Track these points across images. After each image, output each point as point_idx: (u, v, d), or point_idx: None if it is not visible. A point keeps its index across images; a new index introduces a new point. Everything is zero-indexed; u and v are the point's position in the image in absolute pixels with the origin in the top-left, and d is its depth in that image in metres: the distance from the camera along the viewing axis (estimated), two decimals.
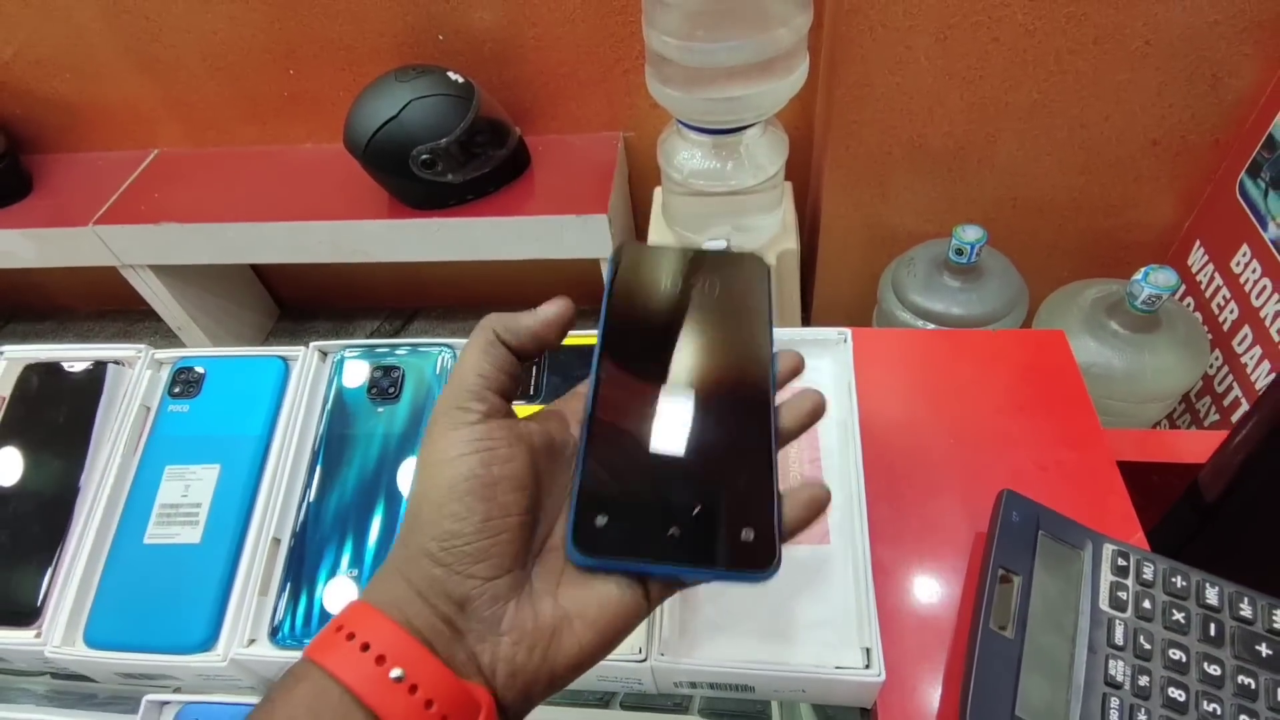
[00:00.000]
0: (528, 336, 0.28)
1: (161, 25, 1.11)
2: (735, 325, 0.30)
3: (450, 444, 0.24)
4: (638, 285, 0.31)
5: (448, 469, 0.24)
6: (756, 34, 0.84)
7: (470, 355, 0.27)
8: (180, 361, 0.49)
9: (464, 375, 0.26)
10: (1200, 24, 0.88)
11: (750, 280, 0.32)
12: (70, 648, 0.41)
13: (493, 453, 0.25)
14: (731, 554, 0.25)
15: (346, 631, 0.22)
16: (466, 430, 0.25)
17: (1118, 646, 0.36)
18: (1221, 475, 0.40)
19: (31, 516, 0.45)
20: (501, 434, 0.25)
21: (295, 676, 0.22)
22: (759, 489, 0.26)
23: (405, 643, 0.22)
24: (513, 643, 0.23)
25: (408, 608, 0.23)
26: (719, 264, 0.32)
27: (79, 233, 1.18)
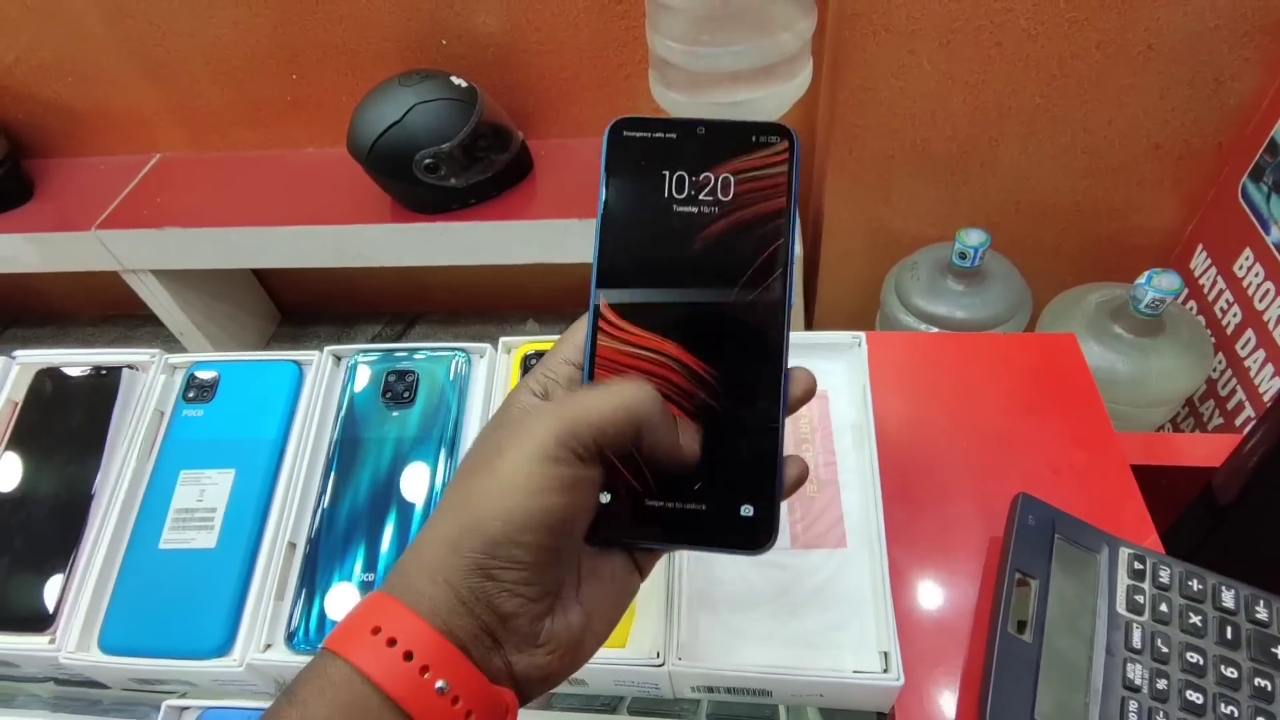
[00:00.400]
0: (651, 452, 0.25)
1: (165, 30, 1.11)
2: (749, 254, 0.27)
3: (544, 475, 0.23)
4: (635, 197, 0.27)
5: (534, 499, 0.23)
6: (760, 39, 0.84)
7: (607, 405, 0.24)
8: (194, 366, 0.49)
9: (589, 420, 0.24)
10: (1202, 29, 0.89)
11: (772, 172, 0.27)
12: (85, 653, 0.41)
13: (581, 499, 0.24)
14: (732, 531, 0.26)
15: (386, 636, 0.22)
16: (566, 472, 0.23)
17: (1135, 650, 0.36)
18: (1236, 478, 0.40)
19: (46, 522, 0.45)
20: (590, 480, 0.24)
21: (330, 679, 0.22)
22: (763, 463, 0.26)
23: (448, 653, 0.22)
24: (547, 654, 0.24)
25: (449, 616, 0.23)
26: (734, 143, 0.27)
27: (81, 237, 1.17)
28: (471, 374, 0.48)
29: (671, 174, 0.27)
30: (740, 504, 0.26)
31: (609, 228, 0.27)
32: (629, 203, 0.27)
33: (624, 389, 0.25)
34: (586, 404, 0.24)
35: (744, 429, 0.26)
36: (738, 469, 0.26)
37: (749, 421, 0.26)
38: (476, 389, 0.48)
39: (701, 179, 0.27)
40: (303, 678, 0.22)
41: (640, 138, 0.28)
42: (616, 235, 0.27)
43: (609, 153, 0.27)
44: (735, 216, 0.27)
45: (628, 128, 0.28)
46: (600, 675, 0.38)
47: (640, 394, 0.25)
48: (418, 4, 1.05)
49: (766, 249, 0.27)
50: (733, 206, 0.27)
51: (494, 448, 0.24)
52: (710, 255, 0.27)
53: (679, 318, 0.27)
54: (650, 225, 0.27)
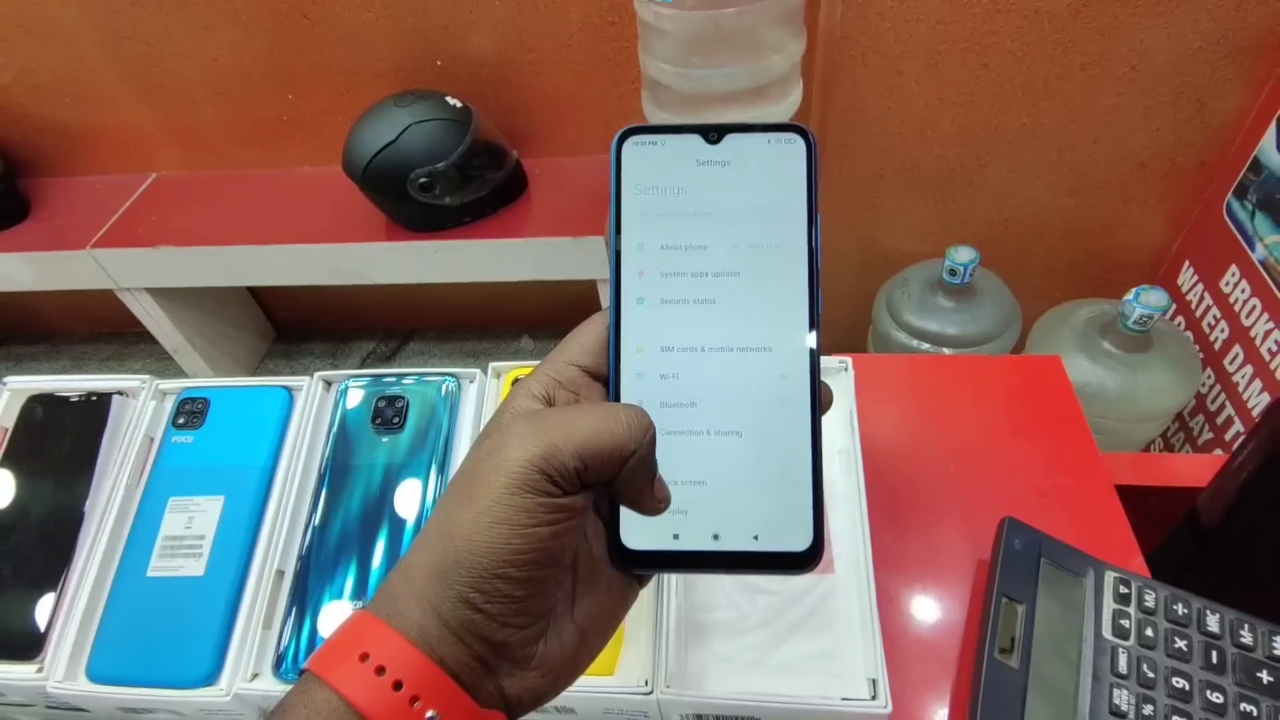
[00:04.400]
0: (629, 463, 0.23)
1: (161, 51, 1.12)
2: (772, 262, 0.26)
3: (525, 508, 0.22)
4: (652, 209, 0.26)
5: (515, 534, 0.22)
6: (751, 61, 0.86)
7: (587, 431, 0.23)
8: (184, 392, 0.49)
9: (569, 446, 0.22)
10: (1184, 50, 0.90)
11: (789, 176, 0.26)
12: (73, 682, 0.41)
13: (568, 528, 0.23)
14: (773, 552, 0.24)
15: (375, 664, 0.21)
16: (548, 501, 0.22)
17: (1121, 675, 0.36)
18: (1220, 500, 0.41)
19: (34, 549, 0.45)
20: (578, 506, 0.23)
21: (315, 708, 0.21)
22: (800, 478, 0.24)
23: (438, 682, 0.22)
24: (540, 675, 0.24)
25: (439, 645, 0.22)
26: (749, 154, 0.26)
27: (76, 256, 1.18)
28: (462, 399, 0.48)
29: (686, 185, 0.26)
30: (782, 522, 0.24)
31: (627, 239, 0.26)
32: (644, 216, 0.26)
33: (615, 414, 0.23)
34: (569, 427, 0.23)
35: (779, 439, 0.25)
36: (773, 484, 0.25)
37: (784, 430, 0.25)
38: (466, 414, 0.48)
39: (718, 186, 0.26)
40: (286, 705, 0.22)
41: (649, 146, 0.27)
42: (634, 248, 0.26)
43: (618, 164, 0.26)
44: (756, 222, 0.26)
45: (635, 135, 0.27)
46: (588, 704, 0.38)
47: (633, 422, 0.23)
48: (413, 25, 1.06)
49: (790, 254, 0.26)
50: (752, 213, 0.26)
51: (479, 467, 0.23)
52: (732, 264, 0.26)
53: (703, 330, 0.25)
54: (666, 236, 0.26)
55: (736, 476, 0.25)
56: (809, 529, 0.24)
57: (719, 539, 0.24)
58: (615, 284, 0.26)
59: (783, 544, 0.24)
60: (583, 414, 0.23)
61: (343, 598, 0.42)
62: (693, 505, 0.25)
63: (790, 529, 0.24)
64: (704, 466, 0.25)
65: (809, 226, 0.26)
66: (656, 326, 0.25)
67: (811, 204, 0.26)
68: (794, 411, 0.25)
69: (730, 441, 0.25)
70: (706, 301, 0.26)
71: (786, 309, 0.25)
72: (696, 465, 0.25)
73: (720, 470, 0.25)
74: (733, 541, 0.24)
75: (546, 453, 0.22)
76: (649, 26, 0.87)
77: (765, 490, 0.25)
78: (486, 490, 0.22)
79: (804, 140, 0.26)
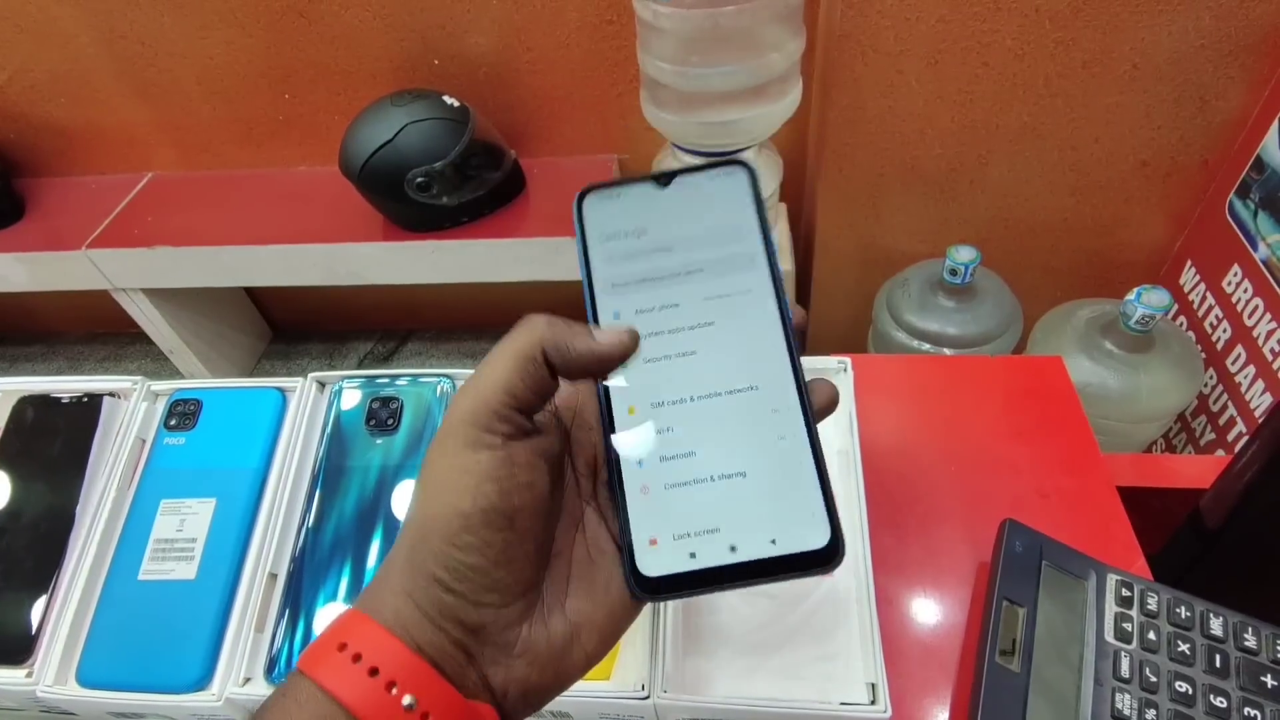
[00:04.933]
0: (579, 364, 0.24)
1: (157, 50, 1.11)
2: (734, 278, 0.27)
3: (465, 468, 0.22)
4: (615, 253, 0.28)
5: (461, 497, 0.22)
6: (750, 59, 0.85)
7: (500, 367, 0.23)
8: (176, 393, 0.49)
9: (489, 390, 0.23)
10: (1186, 48, 0.89)
11: (737, 205, 0.28)
12: (63, 687, 0.40)
13: (514, 479, 0.22)
14: (794, 556, 0.24)
15: (352, 652, 0.21)
16: (486, 455, 0.22)
17: (1124, 679, 0.35)
18: (1223, 502, 0.40)
19: (24, 552, 0.44)
20: (524, 458, 0.23)
21: (295, 699, 0.21)
22: (806, 478, 0.25)
23: (416, 668, 0.21)
24: (526, 664, 0.23)
25: (418, 632, 0.22)
26: (697, 191, 0.28)
27: (71, 256, 1.17)
28: None
29: (645, 228, 0.28)
30: (797, 526, 0.24)
31: (603, 312, 0.27)
32: (613, 275, 0.28)
33: (513, 338, 0.24)
34: (486, 372, 0.23)
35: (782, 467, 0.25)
36: (781, 488, 0.25)
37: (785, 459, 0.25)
38: None
39: (674, 228, 0.28)
40: (270, 700, 0.22)
41: (607, 200, 0.28)
42: (610, 317, 0.27)
43: (581, 222, 0.28)
44: (714, 247, 0.27)
45: (593, 192, 0.28)
46: (584, 709, 0.37)
47: (527, 331, 0.24)
48: (410, 24, 1.05)
49: (755, 287, 0.27)
50: (709, 239, 0.27)
51: (429, 450, 0.24)
52: (705, 314, 0.27)
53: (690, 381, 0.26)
54: (639, 300, 0.27)
55: (748, 510, 0.25)
56: (825, 524, 0.24)
57: (736, 550, 0.24)
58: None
59: (801, 543, 0.24)
60: (489, 359, 0.24)
61: (336, 600, 0.41)
62: (707, 522, 0.25)
63: (806, 527, 0.24)
64: (715, 511, 0.25)
65: (766, 250, 0.27)
66: (644, 386, 0.26)
67: (764, 228, 0.27)
68: (792, 442, 0.25)
69: (736, 483, 0.25)
70: (688, 354, 0.27)
71: (764, 346, 0.26)
72: (707, 511, 0.25)
73: (732, 511, 0.25)
74: (751, 550, 0.24)
75: (477, 404, 0.23)
76: (647, 25, 0.86)
77: (774, 494, 0.25)
78: (434, 460, 0.23)
79: (745, 170, 0.28)
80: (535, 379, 0.23)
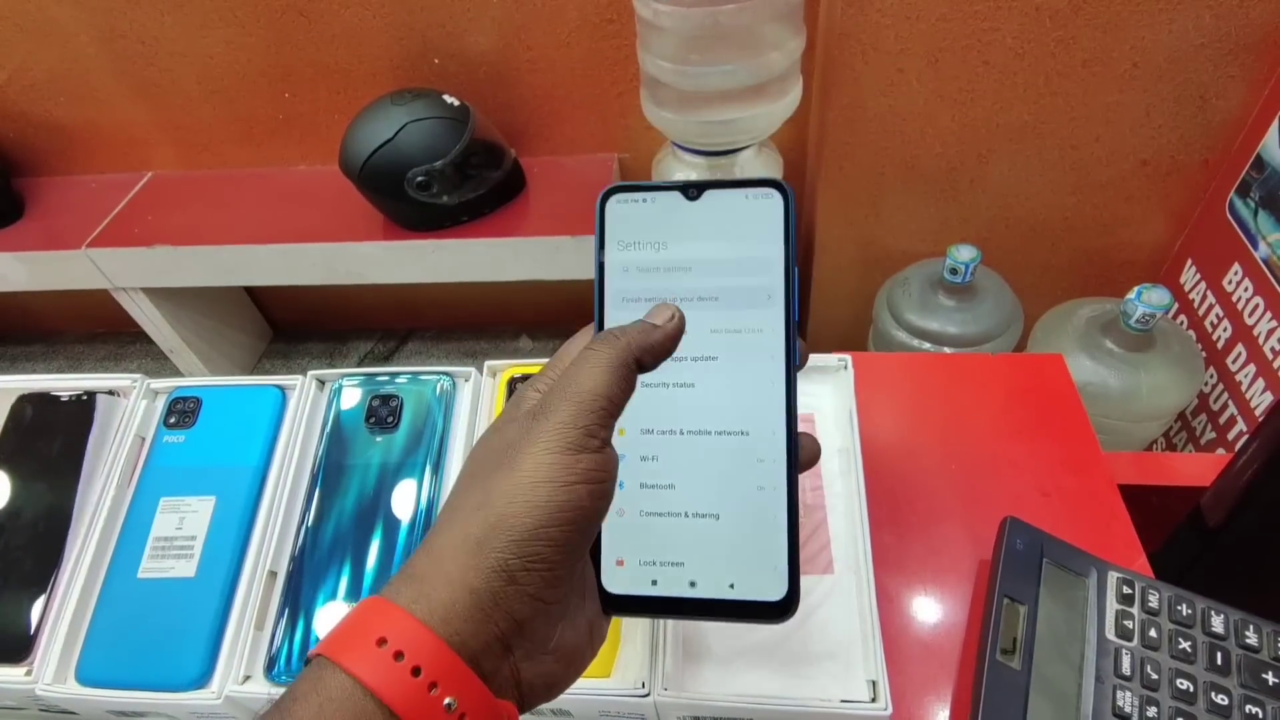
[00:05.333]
0: (656, 358, 0.26)
1: (157, 49, 1.11)
2: (747, 313, 0.27)
3: (567, 466, 0.23)
4: (632, 264, 0.27)
5: (558, 492, 0.22)
6: (750, 58, 0.85)
7: (598, 373, 0.24)
8: (176, 391, 0.49)
9: (591, 395, 0.24)
10: (1186, 47, 0.89)
11: (766, 234, 0.27)
12: (62, 685, 0.40)
13: (602, 486, 0.24)
14: (748, 603, 0.25)
15: (393, 649, 0.21)
16: (587, 458, 0.23)
17: (1125, 676, 0.35)
18: (1224, 500, 0.40)
19: (24, 550, 0.44)
20: (611, 467, 0.24)
21: (328, 695, 0.20)
22: (776, 532, 0.26)
23: (457, 669, 0.21)
24: (555, 660, 0.24)
25: (464, 625, 0.22)
26: (727, 211, 0.27)
27: (71, 256, 1.17)
28: (457, 398, 0.48)
29: (667, 241, 0.27)
30: (757, 576, 0.26)
31: (609, 296, 0.27)
32: (626, 272, 0.27)
33: (605, 345, 0.25)
34: (584, 380, 0.24)
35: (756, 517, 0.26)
36: (750, 536, 0.26)
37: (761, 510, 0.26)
38: (461, 413, 0.47)
39: (697, 247, 0.27)
40: (296, 693, 0.21)
41: (632, 204, 0.28)
42: (616, 304, 0.27)
43: (602, 222, 0.28)
44: (734, 276, 0.27)
45: (619, 193, 0.28)
46: (585, 706, 0.37)
47: (611, 341, 0.25)
48: (410, 23, 1.05)
49: (767, 332, 0.26)
50: (730, 266, 0.27)
51: (510, 443, 0.24)
52: (711, 348, 0.27)
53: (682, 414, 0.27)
54: (647, 294, 0.27)
55: (715, 531, 0.26)
56: (784, 579, 0.25)
57: (695, 586, 0.26)
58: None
59: (758, 593, 0.25)
60: (587, 368, 0.24)
61: (336, 599, 0.41)
62: (672, 555, 0.26)
63: (765, 579, 0.25)
64: (682, 546, 0.26)
65: (786, 289, 0.26)
66: (637, 409, 0.26)
67: (789, 263, 0.26)
68: (770, 495, 0.26)
69: (708, 524, 0.26)
70: (685, 385, 0.27)
71: (763, 392, 0.26)
72: (675, 545, 0.26)
73: (698, 549, 0.26)
74: (709, 589, 0.25)
75: (586, 411, 0.23)
76: (648, 24, 0.86)
77: (741, 543, 0.26)
78: (532, 454, 0.23)
79: (781, 195, 0.27)
80: (629, 384, 0.25)
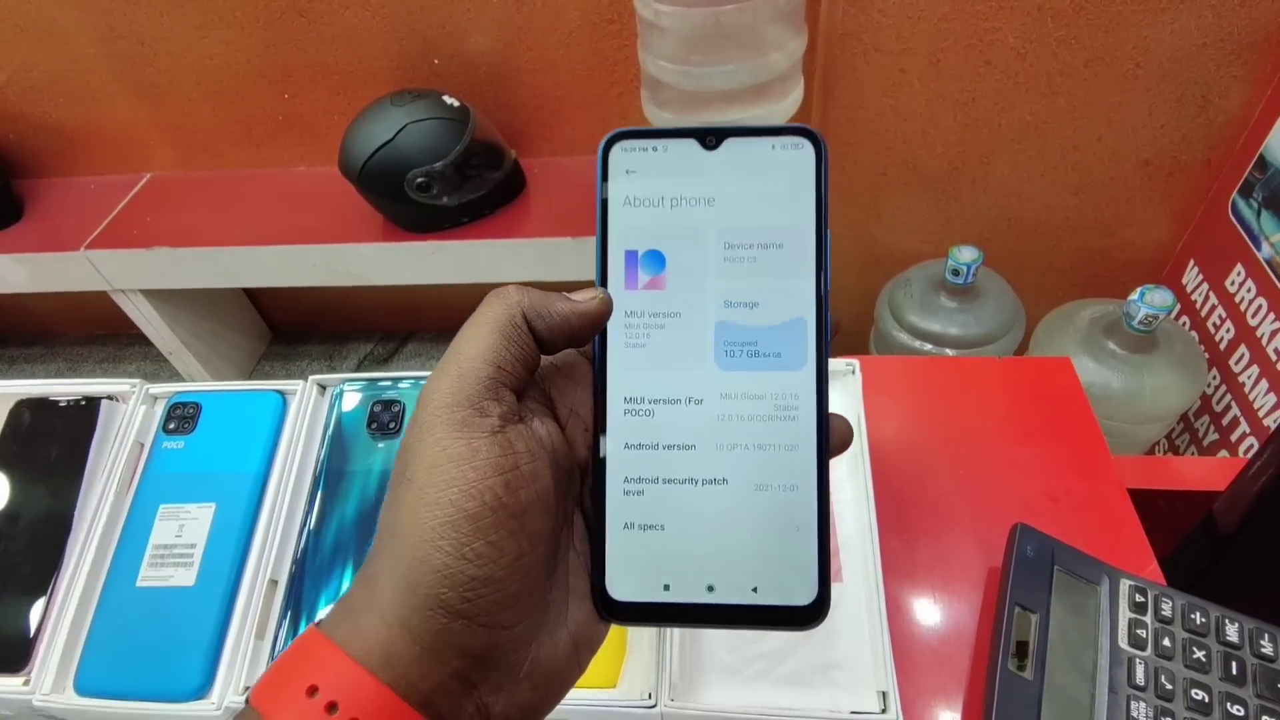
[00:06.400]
0: (560, 326, 0.22)
1: (156, 50, 1.11)
2: (777, 299, 0.23)
3: (462, 457, 0.19)
4: (637, 226, 0.24)
5: (464, 495, 0.19)
6: (751, 59, 0.84)
7: (482, 336, 0.21)
8: (175, 396, 0.48)
9: (473, 363, 0.20)
10: (1189, 47, 0.89)
11: (793, 193, 0.23)
12: (60, 695, 0.40)
13: (518, 472, 0.20)
14: (773, 608, 0.22)
15: (325, 700, 0.18)
16: (484, 442, 0.19)
17: (1139, 687, 0.35)
18: (1237, 506, 0.40)
19: (22, 557, 0.44)
20: (525, 445, 0.20)
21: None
22: (805, 527, 0.22)
23: (401, 717, 0.18)
24: (530, 687, 0.21)
25: (409, 668, 0.19)
26: (749, 163, 0.24)
27: (70, 257, 1.16)
28: None
29: (679, 196, 0.24)
30: (784, 577, 0.22)
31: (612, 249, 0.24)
32: (631, 234, 0.24)
33: (489, 307, 0.21)
34: (465, 346, 0.21)
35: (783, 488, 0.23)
36: (775, 532, 0.23)
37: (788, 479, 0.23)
38: None
39: (714, 199, 0.24)
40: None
41: (640, 154, 0.24)
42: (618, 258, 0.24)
43: (605, 173, 0.24)
44: (757, 239, 0.24)
45: (625, 139, 0.24)
46: (589, 717, 0.37)
47: (501, 299, 0.21)
48: (410, 24, 1.05)
49: (796, 289, 0.23)
50: (753, 228, 0.24)
51: (407, 445, 0.20)
52: (730, 282, 0.23)
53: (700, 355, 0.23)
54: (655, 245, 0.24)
55: (736, 526, 0.23)
56: (814, 582, 0.22)
57: (714, 590, 0.22)
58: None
59: (784, 597, 0.22)
60: (469, 331, 0.21)
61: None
62: (686, 554, 0.23)
63: (793, 581, 0.22)
64: (699, 545, 0.23)
65: (817, 250, 0.23)
66: (644, 382, 0.24)
67: (821, 220, 0.23)
68: (800, 458, 0.23)
69: (730, 490, 0.23)
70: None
71: (791, 349, 0.23)
72: (690, 543, 0.23)
73: (717, 548, 0.23)
74: (729, 593, 0.22)
75: (456, 383, 0.20)
76: (649, 24, 0.86)
77: (766, 539, 0.23)
78: (418, 459, 0.19)
79: (813, 145, 0.24)
80: (520, 346, 0.21)
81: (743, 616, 0.22)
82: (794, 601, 0.22)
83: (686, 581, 0.23)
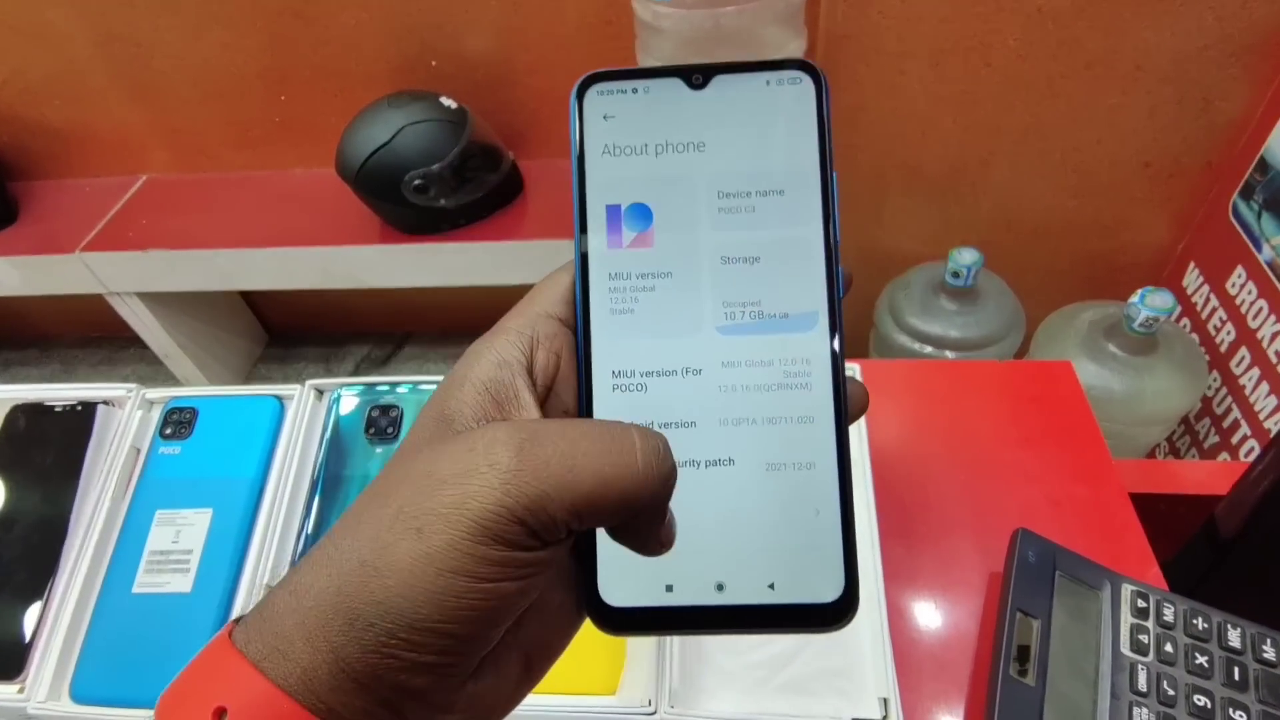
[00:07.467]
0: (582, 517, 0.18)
1: (153, 52, 1.10)
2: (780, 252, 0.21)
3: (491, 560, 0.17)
4: (619, 179, 0.22)
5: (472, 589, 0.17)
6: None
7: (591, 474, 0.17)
8: (172, 401, 0.48)
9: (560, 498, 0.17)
10: (1190, 49, 0.89)
11: (793, 132, 0.21)
12: (56, 703, 0.40)
13: (536, 580, 0.18)
14: (793, 608, 0.19)
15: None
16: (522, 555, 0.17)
17: (1141, 693, 0.35)
18: (1239, 511, 0.39)
19: (17, 564, 0.43)
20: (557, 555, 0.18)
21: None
22: (826, 511, 0.20)
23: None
24: (462, 717, 0.19)
25: (332, 694, 0.17)
26: (742, 102, 0.21)
27: (65, 260, 1.16)
28: None
29: (665, 139, 0.21)
30: (802, 571, 0.20)
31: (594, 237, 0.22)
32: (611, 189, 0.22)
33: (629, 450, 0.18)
34: (568, 468, 0.17)
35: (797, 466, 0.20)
36: (789, 519, 0.20)
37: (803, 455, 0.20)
38: None
39: (704, 144, 0.21)
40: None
41: (618, 98, 0.22)
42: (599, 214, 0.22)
43: (580, 122, 0.22)
44: (754, 186, 0.21)
45: (601, 81, 0.22)
46: None
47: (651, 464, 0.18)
48: (407, 25, 1.05)
49: (801, 239, 0.21)
50: (750, 174, 0.21)
51: (433, 490, 0.17)
52: (726, 235, 0.21)
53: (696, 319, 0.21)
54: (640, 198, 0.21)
55: (746, 513, 0.20)
56: (839, 574, 0.19)
57: (724, 590, 0.20)
58: (582, 291, 0.21)
59: (805, 594, 0.19)
60: (585, 447, 0.18)
61: None
62: (691, 548, 0.20)
63: (815, 574, 0.19)
64: (705, 537, 0.20)
65: (824, 195, 0.21)
66: (632, 351, 0.21)
67: (825, 161, 0.21)
68: (815, 431, 0.20)
69: (737, 472, 0.20)
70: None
71: (800, 308, 0.21)
72: (696, 535, 0.20)
73: (726, 508, 0.20)
74: (742, 592, 0.20)
75: (534, 504, 0.17)
76: (647, 26, 0.85)
77: (782, 527, 0.20)
78: (443, 529, 0.17)
79: (813, 79, 0.21)
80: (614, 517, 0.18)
81: (758, 618, 0.20)
82: (817, 598, 0.19)
83: (692, 580, 0.20)
